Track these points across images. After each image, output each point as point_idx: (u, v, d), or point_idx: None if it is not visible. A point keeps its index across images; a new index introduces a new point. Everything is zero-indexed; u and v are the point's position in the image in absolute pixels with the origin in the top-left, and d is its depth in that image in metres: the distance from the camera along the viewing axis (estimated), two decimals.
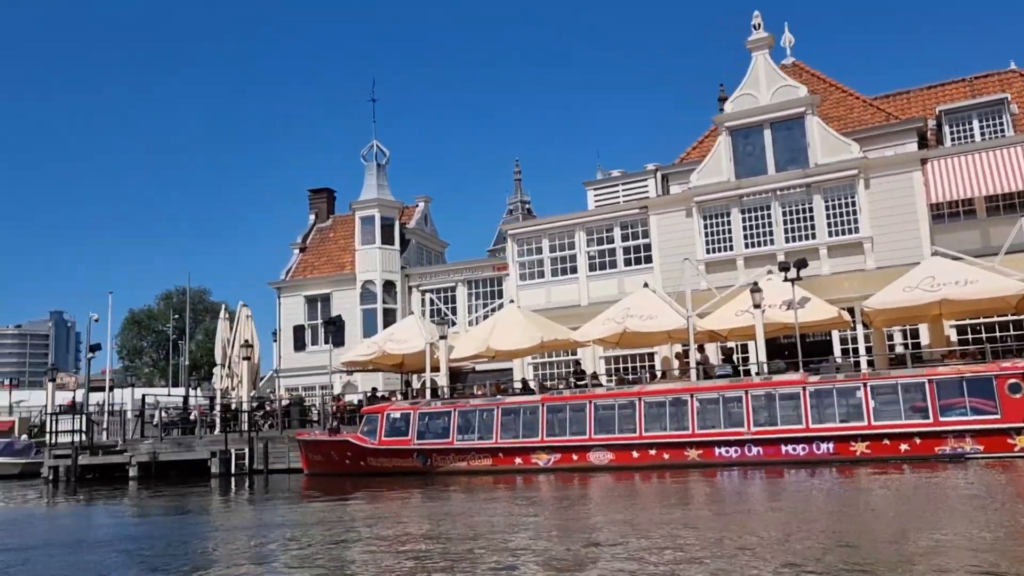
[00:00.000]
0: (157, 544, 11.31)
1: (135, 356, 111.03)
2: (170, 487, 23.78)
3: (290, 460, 26.98)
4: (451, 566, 8.24)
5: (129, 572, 9.28)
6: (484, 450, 20.39)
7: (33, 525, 16.14)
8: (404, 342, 27.49)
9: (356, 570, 8.71)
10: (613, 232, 29.42)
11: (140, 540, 12.11)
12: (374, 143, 38.48)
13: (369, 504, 15.89)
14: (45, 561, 10.32)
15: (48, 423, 30.45)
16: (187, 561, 9.68)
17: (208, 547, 11.06)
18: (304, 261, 40.11)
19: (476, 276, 36.33)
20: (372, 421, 21.83)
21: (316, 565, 9.03)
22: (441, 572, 7.98)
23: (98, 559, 10.19)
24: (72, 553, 10.93)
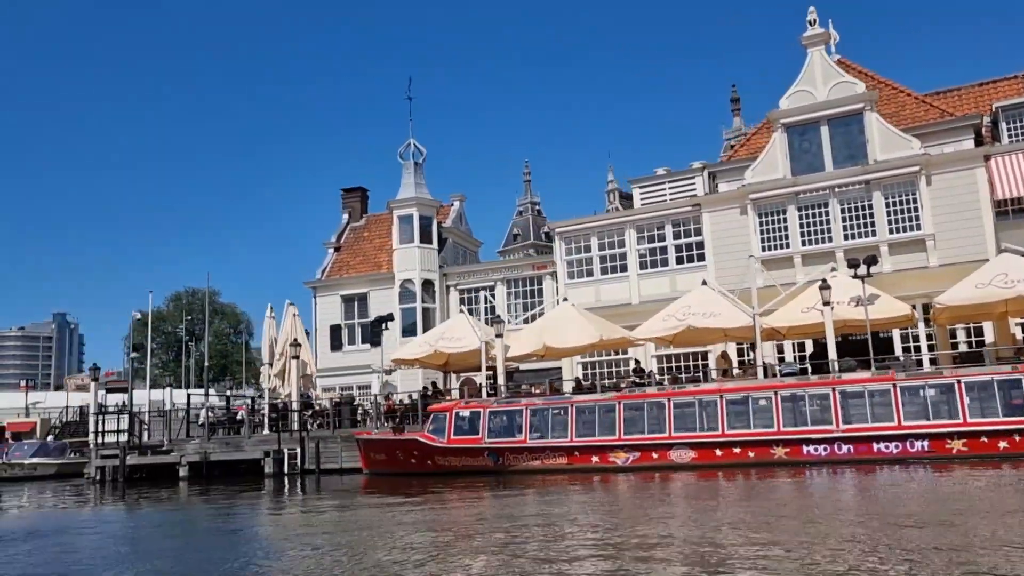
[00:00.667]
0: (340, 552, 10.14)
1: (144, 358, 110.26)
2: (224, 487, 23.44)
3: (342, 460, 26.78)
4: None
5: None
6: (559, 449, 20.14)
7: (140, 528, 15.84)
8: (457, 340, 27.20)
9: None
10: (664, 230, 29.21)
11: (323, 550, 10.61)
12: (411, 141, 38.25)
13: (497, 501, 15.56)
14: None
15: (94, 423, 30.09)
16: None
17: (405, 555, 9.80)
18: (339, 260, 39.87)
19: (515, 275, 36.13)
20: (439, 420, 21.58)
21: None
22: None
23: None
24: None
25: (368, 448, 23.39)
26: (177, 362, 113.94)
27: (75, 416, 59.82)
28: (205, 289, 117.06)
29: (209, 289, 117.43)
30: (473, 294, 36.93)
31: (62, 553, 11.63)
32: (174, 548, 11.88)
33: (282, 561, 9.80)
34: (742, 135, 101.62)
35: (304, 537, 12.11)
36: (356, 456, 26.54)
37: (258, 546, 11.55)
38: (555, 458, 20.21)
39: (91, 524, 16.25)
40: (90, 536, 14.11)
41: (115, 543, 12.73)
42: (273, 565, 9.53)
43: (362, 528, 12.71)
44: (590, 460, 19.83)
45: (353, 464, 26.32)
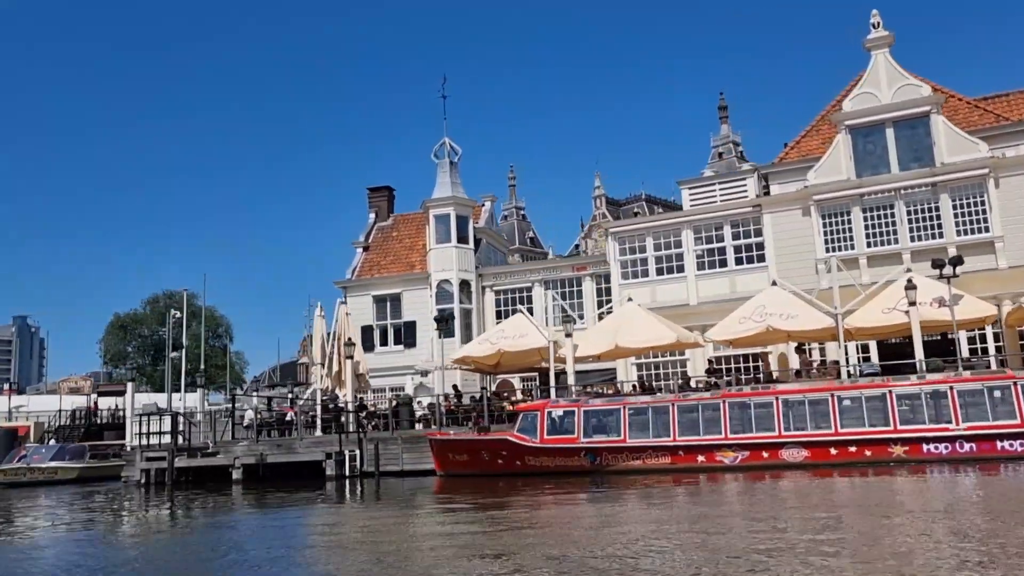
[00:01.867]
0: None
1: (119, 361, 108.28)
2: (286, 490, 22.74)
3: (403, 462, 26.22)
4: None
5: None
6: (662, 448, 19.87)
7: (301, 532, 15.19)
8: (521, 338, 26.82)
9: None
10: (723, 230, 29.14)
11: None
12: (445, 140, 37.84)
13: (647, 501, 15.19)
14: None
15: (139, 424, 29.11)
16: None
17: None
18: (369, 260, 39.23)
19: (554, 276, 35.86)
20: (530, 419, 21.17)
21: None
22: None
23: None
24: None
25: (446, 449, 22.87)
26: (154, 366, 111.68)
27: (67, 420, 58.07)
28: (172, 291, 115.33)
29: (188, 292, 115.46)
30: (510, 295, 36.57)
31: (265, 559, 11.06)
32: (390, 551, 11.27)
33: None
34: (730, 141, 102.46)
35: (520, 538, 11.66)
36: (418, 458, 26.05)
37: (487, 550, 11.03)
38: (657, 458, 19.93)
39: (222, 529, 15.58)
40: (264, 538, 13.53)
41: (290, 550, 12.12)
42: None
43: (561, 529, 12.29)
44: (696, 460, 19.57)
45: (415, 466, 25.82)
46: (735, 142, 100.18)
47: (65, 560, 11.21)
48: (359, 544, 11.67)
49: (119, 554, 12.21)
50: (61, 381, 59.15)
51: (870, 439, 18.38)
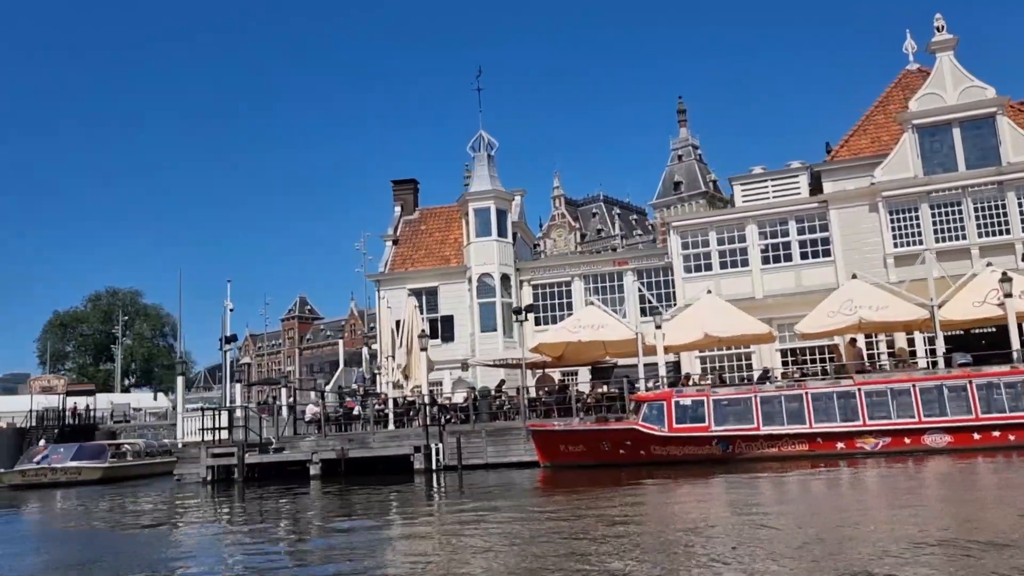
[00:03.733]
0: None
1: (58, 361, 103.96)
2: (373, 485, 22.19)
3: (488, 455, 25.91)
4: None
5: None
6: (799, 436, 20.17)
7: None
8: (601, 328, 26.80)
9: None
10: (788, 225, 29.73)
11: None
12: (481, 133, 37.51)
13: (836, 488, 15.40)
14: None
15: (210, 420, 27.91)
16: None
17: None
18: (400, 254, 38.62)
19: (594, 271, 36.00)
20: (657, 409, 21.20)
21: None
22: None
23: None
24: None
25: (557, 440, 22.68)
26: (96, 366, 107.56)
27: (35, 421, 55.29)
28: (116, 289, 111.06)
29: (131, 290, 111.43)
30: (548, 289, 36.50)
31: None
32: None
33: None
34: (689, 145, 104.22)
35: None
36: (503, 451, 25.82)
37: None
38: (793, 445, 20.23)
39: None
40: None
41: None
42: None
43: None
44: (834, 446, 19.94)
45: (500, 459, 25.58)
46: (694, 145, 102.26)
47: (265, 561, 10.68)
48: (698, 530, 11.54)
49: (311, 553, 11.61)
50: (32, 380, 56.23)
51: (1014, 424, 19.05)
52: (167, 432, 53.37)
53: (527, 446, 25.59)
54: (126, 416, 63.74)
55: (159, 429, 56.18)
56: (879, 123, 31.46)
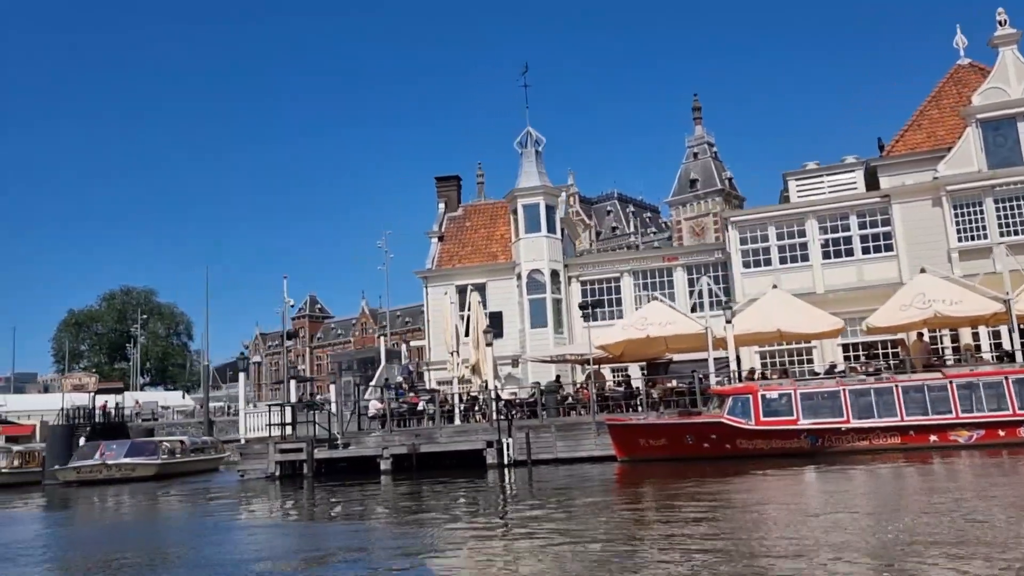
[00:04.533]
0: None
1: (73, 360, 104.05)
2: (444, 480, 22.19)
3: (557, 450, 25.90)
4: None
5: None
6: (891, 429, 20.19)
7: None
8: (669, 324, 26.80)
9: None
10: (849, 220, 29.75)
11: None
12: (528, 129, 37.50)
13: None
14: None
15: (285, 416, 27.86)
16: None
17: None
18: (447, 250, 38.61)
19: (644, 267, 36.02)
20: (742, 402, 21.20)
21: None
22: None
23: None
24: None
25: (637, 434, 22.67)
26: (111, 364, 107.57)
27: (65, 419, 55.42)
28: (130, 287, 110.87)
29: (146, 288, 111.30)
30: (597, 286, 36.51)
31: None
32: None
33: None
34: (705, 142, 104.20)
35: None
36: (574, 445, 25.82)
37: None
38: (885, 438, 20.24)
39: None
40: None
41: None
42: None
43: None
44: (927, 439, 19.95)
45: (570, 454, 25.56)
46: (709, 143, 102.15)
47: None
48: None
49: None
50: (64, 378, 56.18)
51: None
52: (195, 429, 53.51)
53: (598, 440, 25.59)
54: (154, 414, 63.76)
55: (187, 427, 56.30)
56: (933, 118, 31.52)
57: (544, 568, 9.07)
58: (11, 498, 27.54)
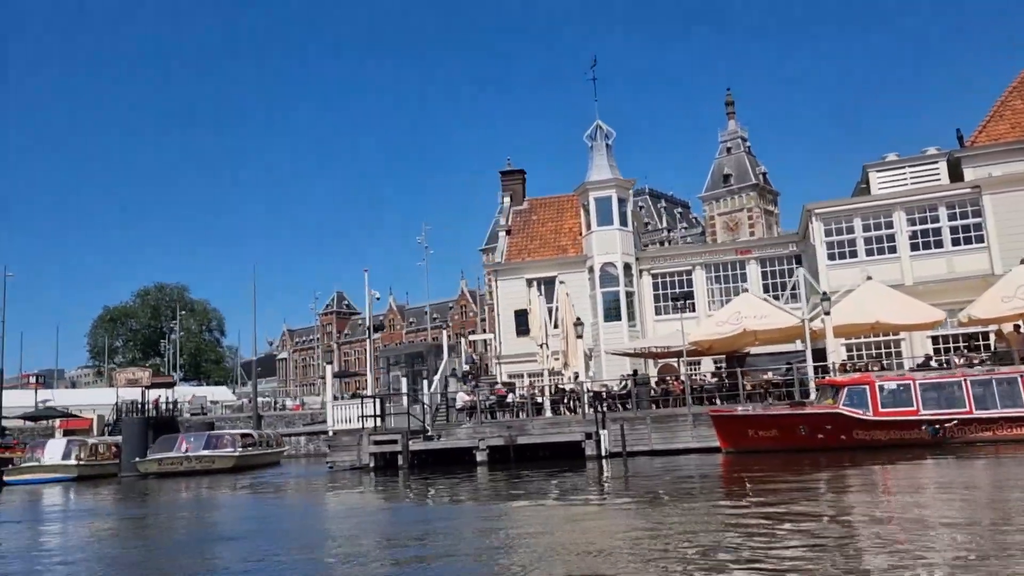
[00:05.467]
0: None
1: (109, 356, 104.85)
2: (543, 471, 22.19)
3: (652, 442, 25.90)
4: None
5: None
6: (1015, 419, 20.10)
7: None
8: (764, 318, 26.71)
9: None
10: (937, 211, 29.55)
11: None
12: (598, 122, 37.41)
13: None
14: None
15: (374, 408, 27.94)
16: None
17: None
18: (516, 244, 38.64)
19: (716, 260, 35.94)
20: (858, 393, 21.13)
21: None
22: None
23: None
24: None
25: (745, 425, 22.61)
26: (145, 360, 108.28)
27: (114, 414, 55.94)
28: (163, 284, 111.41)
29: (179, 285, 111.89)
30: (669, 279, 36.44)
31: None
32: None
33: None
34: (739, 137, 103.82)
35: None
36: (669, 437, 25.83)
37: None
38: (1010, 428, 20.14)
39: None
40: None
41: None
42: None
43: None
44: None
45: (666, 446, 25.57)
46: (743, 137, 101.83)
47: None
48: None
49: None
50: (118, 372, 56.58)
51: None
52: (243, 424, 53.80)
53: (695, 432, 25.59)
54: (203, 409, 64.15)
55: (236, 422, 56.62)
56: (1017, 109, 31.32)
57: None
58: (110, 488, 27.81)
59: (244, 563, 10.22)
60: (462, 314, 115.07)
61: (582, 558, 9.01)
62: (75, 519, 19.72)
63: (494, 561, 9.34)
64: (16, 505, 24.45)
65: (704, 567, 8.22)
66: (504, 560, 9.30)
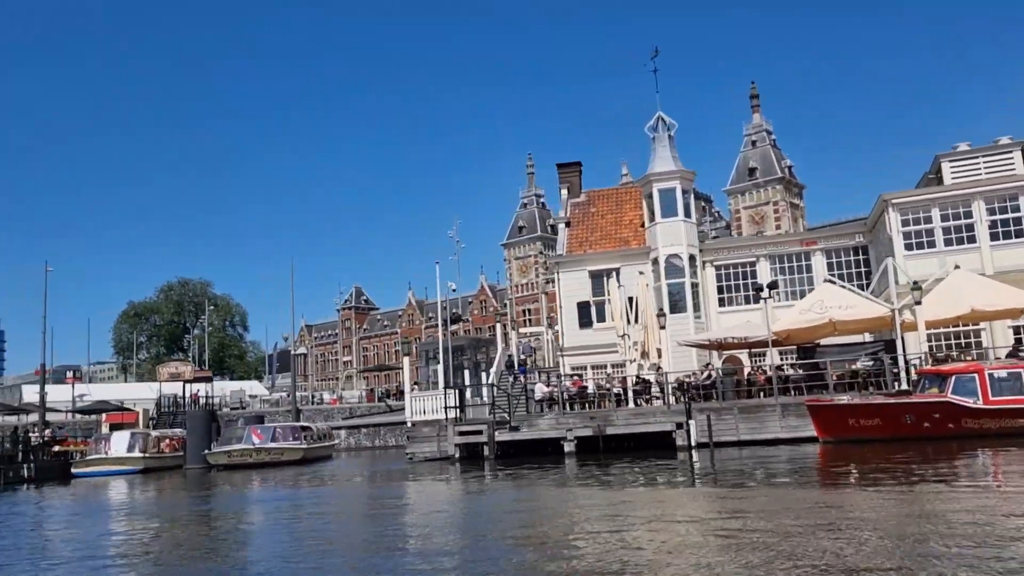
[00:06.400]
0: None
1: (133, 351, 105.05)
2: (643, 462, 22.13)
3: (740, 432, 25.82)
4: None
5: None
6: None
7: None
8: (848, 308, 26.58)
9: None
10: (1018, 201, 29.40)
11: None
12: (660, 114, 37.25)
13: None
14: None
15: (453, 399, 27.91)
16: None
17: None
18: (576, 236, 38.53)
19: (780, 251, 35.81)
20: (968, 381, 21.04)
21: None
22: None
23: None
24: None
25: (846, 414, 22.51)
26: (169, 355, 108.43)
27: (172, 407, 56.21)
28: (187, 279, 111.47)
29: (203, 280, 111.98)
30: (732, 270, 36.32)
31: None
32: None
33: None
34: (764, 130, 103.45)
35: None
36: (756, 428, 25.76)
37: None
38: None
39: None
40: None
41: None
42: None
43: None
44: None
45: (753, 436, 25.50)
46: (768, 130, 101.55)
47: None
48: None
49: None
50: (160, 366, 56.64)
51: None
52: (283, 417, 53.88)
53: (784, 423, 25.52)
54: (241, 403, 64.25)
55: (275, 415, 56.72)
56: None
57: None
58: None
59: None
60: (482, 309, 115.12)
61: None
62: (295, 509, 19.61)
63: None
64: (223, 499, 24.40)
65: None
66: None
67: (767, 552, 8.38)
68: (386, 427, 48.73)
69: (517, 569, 8.67)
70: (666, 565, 8.22)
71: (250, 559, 10.77)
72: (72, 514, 19.92)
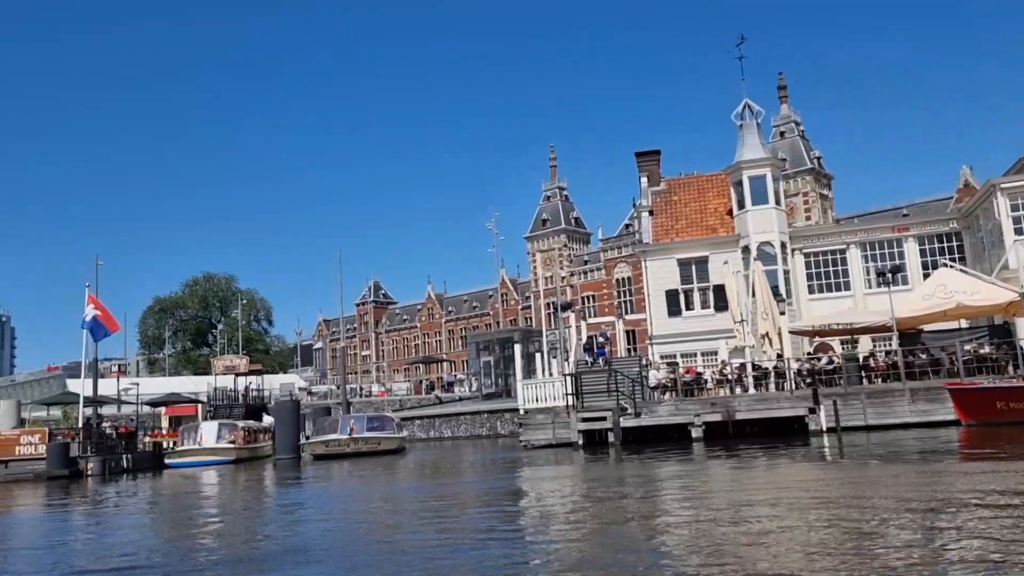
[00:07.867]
0: None
1: (158, 345, 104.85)
2: (764, 447, 22.08)
3: (867, 417, 25.77)
4: None
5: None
6: None
7: None
8: (974, 294, 26.54)
9: None
10: None
11: None
12: (747, 102, 37.14)
13: None
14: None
15: (574, 385, 27.80)
16: None
17: None
18: (661, 225, 38.37)
19: (872, 238, 35.73)
20: None
21: None
22: None
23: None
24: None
25: (993, 397, 22.52)
26: (196, 349, 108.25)
27: (225, 400, 56.20)
28: (211, 274, 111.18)
29: (227, 275, 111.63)
30: (821, 257, 36.24)
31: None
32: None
33: None
34: (792, 121, 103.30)
35: None
36: (884, 413, 25.70)
37: None
38: None
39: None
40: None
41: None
42: None
43: None
44: None
45: (880, 421, 25.43)
46: (796, 121, 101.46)
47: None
48: None
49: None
50: (215, 359, 56.53)
51: None
52: (334, 409, 53.75)
53: (912, 407, 25.45)
54: (292, 395, 64.07)
55: (336, 408, 56.64)
56: None
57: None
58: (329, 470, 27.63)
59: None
60: (503, 302, 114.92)
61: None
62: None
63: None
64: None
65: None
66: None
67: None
68: (441, 419, 48.38)
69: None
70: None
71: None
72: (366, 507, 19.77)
